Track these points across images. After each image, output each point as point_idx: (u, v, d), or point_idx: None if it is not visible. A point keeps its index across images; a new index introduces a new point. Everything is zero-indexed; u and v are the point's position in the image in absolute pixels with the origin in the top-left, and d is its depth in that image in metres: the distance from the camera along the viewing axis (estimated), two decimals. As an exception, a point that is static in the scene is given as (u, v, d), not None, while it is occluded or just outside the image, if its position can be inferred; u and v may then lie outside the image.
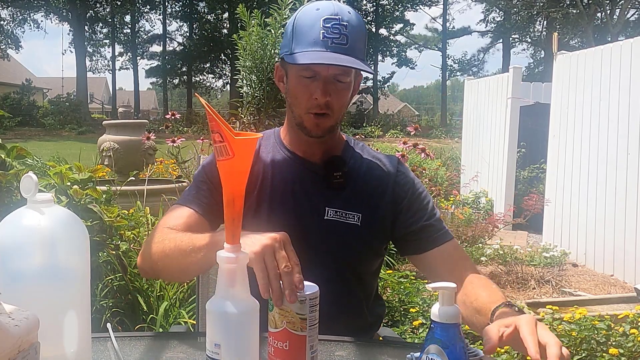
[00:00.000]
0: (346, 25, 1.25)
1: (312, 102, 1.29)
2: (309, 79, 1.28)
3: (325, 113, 1.30)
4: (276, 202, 1.34)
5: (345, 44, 1.25)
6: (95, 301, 2.56)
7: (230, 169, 0.95)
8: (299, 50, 1.26)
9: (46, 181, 2.26)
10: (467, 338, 3.10)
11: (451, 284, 0.85)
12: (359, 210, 1.35)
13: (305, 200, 1.35)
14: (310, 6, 1.30)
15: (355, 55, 1.26)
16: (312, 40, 1.25)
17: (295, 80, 1.31)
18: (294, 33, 1.29)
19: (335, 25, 1.25)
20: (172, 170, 7.16)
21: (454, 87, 57.38)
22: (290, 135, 1.41)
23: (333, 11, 1.26)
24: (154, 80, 45.71)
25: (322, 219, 1.33)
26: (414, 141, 4.03)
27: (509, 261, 5.03)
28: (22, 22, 37.73)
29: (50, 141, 21.35)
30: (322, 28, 1.24)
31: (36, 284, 0.84)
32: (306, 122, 1.32)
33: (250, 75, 3.16)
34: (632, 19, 32.33)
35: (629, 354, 2.67)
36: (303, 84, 1.29)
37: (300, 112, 1.32)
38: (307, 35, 1.26)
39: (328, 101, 1.28)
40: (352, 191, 1.37)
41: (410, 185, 1.41)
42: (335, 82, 1.28)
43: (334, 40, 1.24)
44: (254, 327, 0.91)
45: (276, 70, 1.40)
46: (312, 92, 1.28)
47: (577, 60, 5.81)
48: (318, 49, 1.24)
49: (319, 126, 1.31)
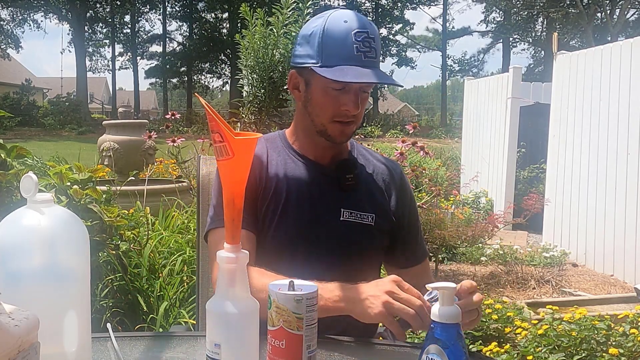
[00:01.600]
0: (374, 38, 1.30)
1: (341, 112, 1.32)
2: (338, 91, 1.31)
3: (351, 121, 1.35)
4: (293, 205, 1.36)
5: (375, 57, 1.30)
6: (95, 301, 2.56)
7: (230, 168, 0.96)
8: (333, 64, 1.28)
9: (46, 181, 2.27)
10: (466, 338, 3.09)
11: (451, 284, 0.85)
12: (372, 210, 1.40)
13: (321, 203, 1.38)
14: (336, 17, 1.31)
15: (379, 65, 1.32)
16: (346, 55, 1.28)
17: (322, 91, 1.33)
18: (323, 45, 1.29)
19: (365, 38, 1.28)
20: (172, 170, 7.15)
21: (454, 87, 57.36)
22: (302, 141, 1.43)
23: (361, 24, 1.30)
24: (154, 81, 45.71)
25: (338, 220, 1.37)
26: (413, 140, 4.02)
27: (509, 261, 5.04)
28: (22, 22, 37.74)
29: (50, 141, 21.35)
30: (355, 42, 1.28)
31: (36, 284, 0.84)
32: (330, 131, 1.35)
33: (252, 74, 3.15)
34: (632, 19, 32.33)
35: (629, 354, 2.67)
36: (332, 95, 1.32)
37: (324, 121, 1.35)
38: (340, 49, 1.28)
39: None
40: (363, 193, 1.41)
41: (410, 194, 1.51)
42: (362, 93, 1.33)
43: (366, 54, 1.28)
44: (254, 327, 0.91)
45: (291, 78, 1.40)
46: (342, 103, 1.31)
47: (577, 60, 5.81)
48: (354, 64, 1.27)
49: (344, 133, 1.36)
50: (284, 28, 3.03)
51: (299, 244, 1.34)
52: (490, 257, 5.22)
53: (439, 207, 5.04)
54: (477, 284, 1.11)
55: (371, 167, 1.47)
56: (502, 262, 5.08)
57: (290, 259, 1.33)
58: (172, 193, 4.71)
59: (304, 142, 1.43)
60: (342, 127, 1.34)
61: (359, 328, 1.37)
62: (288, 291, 0.94)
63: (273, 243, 1.35)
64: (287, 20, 3.03)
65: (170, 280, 2.98)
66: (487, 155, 7.62)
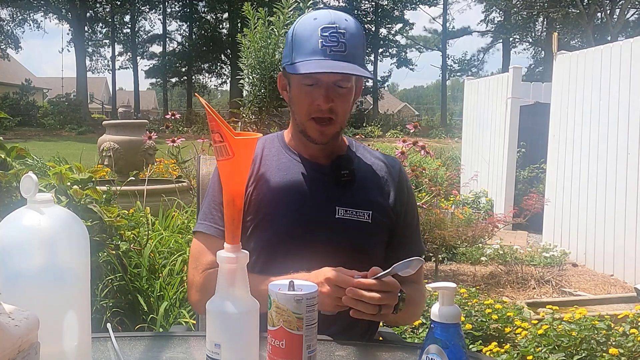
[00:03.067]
0: (344, 32, 1.29)
1: (314, 108, 1.32)
2: (311, 87, 1.32)
3: (329, 118, 1.33)
4: (286, 204, 1.36)
5: (343, 51, 1.28)
6: (95, 301, 2.56)
7: (230, 168, 0.96)
8: (299, 60, 1.29)
9: (46, 181, 2.26)
10: (466, 338, 3.09)
11: (451, 284, 0.84)
12: (369, 207, 1.38)
13: (315, 201, 1.37)
14: (307, 16, 1.34)
15: (354, 61, 1.29)
16: (311, 50, 1.28)
17: (297, 88, 1.34)
18: (294, 43, 1.32)
19: (332, 33, 1.28)
20: (172, 170, 7.16)
21: (454, 87, 57.33)
22: (296, 140, 1.44)
23: (330, 20, 1.29)
24: (154, 81, 45.69)
25: (333, 217, 1.36)
26: (414, 139, 4.02)
27: (509, 261, 5.03)
28: (21, 22, 37.73)
29: (50, 141, 21.35)
30: (320, 37, 1.28)
31: (36, 284, 0.84)
32: (309, 130, 1.35)
33: (252, 74, 3.16)
34: (632, 19, 32.33)
35: (629, 354, 2.67)
36: (305, 92, 1.33)
37: (302, 119, 1.35)
38: (306, 45, 1.29)
39: (332, 106, 1.32)
40: (360, 189, 1.40)
41: (409, 191, 1.49)
42: (337, 88, 1.31)
43: (332, 48, 1.28)
44: (254, 327, 0.91)
45: (279, 80, 1.44)
46: (314, 98, 1.31)
47: (577, 60, 5.81)
48: (318, 58, 1.27)
49: (324, 133, 1.35)
50: (285, 28, 3.03)
51: (291, 243, 1.34)
52: (490, 257, 5.21)
53: (439, 207, 5.04)
54: (477, 284, 1.12)
55: (369, 163, 1.45)
56: (502, 262, 5.08)
57: (284, 258, 1.31)
58: (172, 193, 4.71)
59: (298, 141, 1.43)
60: (320, 127, 1.34)
61: (360, 328, 1.37)
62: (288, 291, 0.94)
63: (266, 241, 1.34)
64: (288, 19, 3.03)
65: (170, 280, 2.98)
66: (487, 155, 7.62)
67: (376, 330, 1.48)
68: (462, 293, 3.46)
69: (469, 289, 3.63)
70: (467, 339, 2.97)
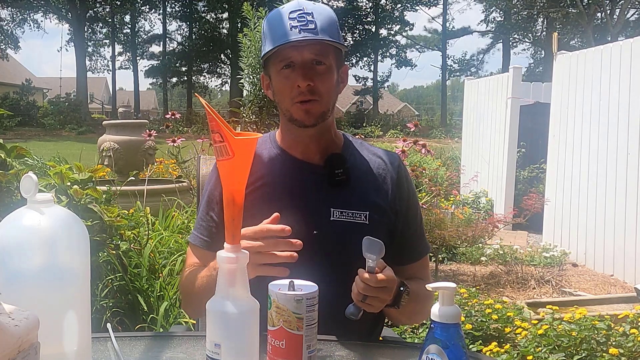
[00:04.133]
0: (311, 12, 1.28)
1: (296, 91, 1.29)
2: (288, 69, 1.29)
3: (312, 99, 1.29)
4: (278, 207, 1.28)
5: (314, 28, 1.27)
6: (95, 301, 2.56)
7: (230, 168, 0.96)
8: (270, 47, 1.29)
9: (46, 181, 2.26)
10: (466, 338, 3.09)
11: (451, 284, 0.84)
12: (365, 208, 1.33)
13: (309, 204, 1.33)
14: (277, 8, 1.34)
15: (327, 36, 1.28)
16: (280, 34, 1.27)
17: (276, 76, 1.32)
18: (265, 35, 1.33)
19: (300, 14, 1.27)
20: (172, 170, 7.16)
21: (454, 87, 57.33)
22: (286, 138, 1.39)
23: (297, 5, 1.29)
24: (154, 81, 45.71)
25: (327, 220, 1.31)
26: (414, 139, 4.01)
27: (509, 261, 5.03)
28: (21, 23, 37.73)
29: (50, 141, 21.34)
30: (289, 20, 1.27)
31: (36, 284, 0.84)
32: (295, 113, 1.31)
33: (253, 73, 3.15)
34: (632, 19, 32.33)
35: (629, 354, 2.67)
36: (283, 76, 1.30)
37: (287, 105, 1.32)
38: (276, 31, 1.29)
39: (311, 86, 1.28)
40: (356, 189, 1.35)
41: (410, 188, 1.42)
42: (314, 66, 1.29)
43: (301, 28, 1.26)
44: (254, 327, 0.91)
45: (262, 80, 1.42)
46: (293, 81, 1.28)
47: (577, 60, 5.81)
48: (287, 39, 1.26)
49: (309, 112, 1.30)
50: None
51: None
52: (490, 257, 5.21)
53: (439, 207, 5.04)
54: (477, 284, 1.11)
55: (365, 161, 1.39)
56: (502, 262, 5.08)
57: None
58: (172, 193, 4.71)
59: (289, 139, 1.39)
60: (305, 107, 1.29)
61: (362, 329, 1.37)
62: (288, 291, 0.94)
63: None
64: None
65: (170, 280, 2.98)
66: (487, 155, 7.62)
67: (381, 330, 1.47)
68: (462, 293, 3.46)
69: (469, 289, 3.63)
70: (467, 339, 2.97)
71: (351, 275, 1.18)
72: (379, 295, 1.12)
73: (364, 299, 1.12)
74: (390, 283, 1.13)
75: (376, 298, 1.12)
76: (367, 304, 1.13)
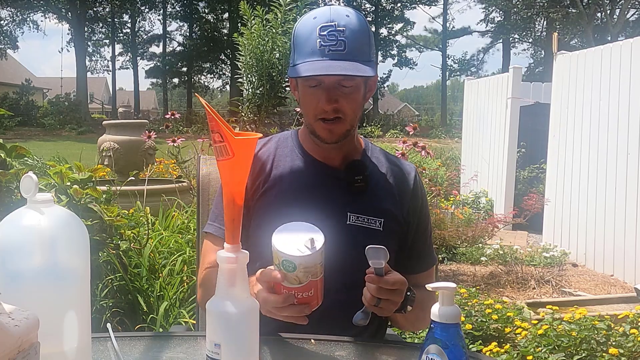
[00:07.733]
0: (343, 30, 1.26)
1: (319, 110, 1.29)
2: (314, 88, 1.29)
3: (337, 117, 1.30)
4: (297, 207, 1.31)
5: (342, 49, 1.25)
6: (95, 301, 2.56)
7: (230, 168, 0.96)
8: (299, 62, 1.28)
9: (46, 181, 2.26)
10: (466, 338, 3.09)
11: (451, 284, 0.84)
12: (380, 215, 1.35)
13: (327, 205, 1.34)
14: (308, 15, 1.31)
15: (355, 58, 1.26)
16: (310, 51, 1.27)
17: (302, 90, 1.33)
18: (294, 44, 1.32)
19: (331, 32, 1.25)
20: (172, 170, 7.16)
21: (454, 87, 57.36)
22: (309, 141, 1.40)
23: (329, 18, 1.26)
24: (154, 81, 45.73)
25: (344, 223, 1.33)
26: (414, 140, 4.01)
27: (509, 261, 5.03)
28: (21, 23, 37.70)
29: (50, 141, 21.35)
30: (319, 37, 1.26)
31: (36, 284, 0.84)
32: (318, 130, 1.33)
33: (250, 73, 3.16)
34: (632, 19, 32.33)
35: (629, 354, 2.67)
36: (309, 93, 1.31)
37: (310, 120, 1.34)
38: (305, 46, 1.28)
39: (336, 107, 1.29)
40: (373, 196, 1.37)
41: (423, 199, 1.46)
42: (341, 87, 1.28)
43: (330, 47, 1.25)
44: (254, 327, 0.91)
45: (290, 81, 1.44)
46: (317, 100, 1.29)
47: (577, 60, 5.81)
48: (316, 59, 1.25)
49: (332, 132, 1.32)
50: (282, 26, 3.03)
51: None
52: (490, 257, 5.21)
53: (439, 207, 5.05)
54: (477, 284, 1.11)
55: (384, 169, 1.42)
56: (502, 262, 5.08)
57: None
58: (172, 193, 4.71)
59: (310, 142, 1.40)
60: (328, 126, 1.30)
61: (366, 334, 1.36)
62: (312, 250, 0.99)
63: None
64: (285, 17, 3.03)
65: (170, 280, 2.98)
66: (487, 155, 7.62)
67: (385, 332, 1.47)
68: (462, 293, 3.46)
69: (469, 289, 3.63)
70: (467, 339, 2.97)
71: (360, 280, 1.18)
72: (392, 297, 1.13)
73: (377, 302, 1.12)
74: (402, 285, 1.15)
75: (388, 301, 1.13)
76: (379, 308, 1.13)
